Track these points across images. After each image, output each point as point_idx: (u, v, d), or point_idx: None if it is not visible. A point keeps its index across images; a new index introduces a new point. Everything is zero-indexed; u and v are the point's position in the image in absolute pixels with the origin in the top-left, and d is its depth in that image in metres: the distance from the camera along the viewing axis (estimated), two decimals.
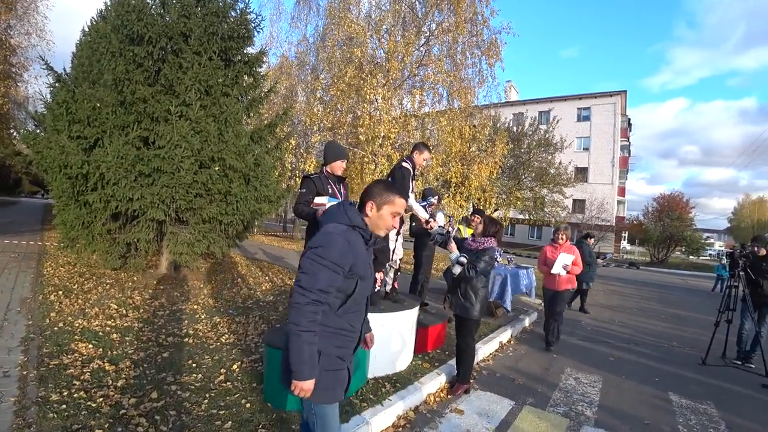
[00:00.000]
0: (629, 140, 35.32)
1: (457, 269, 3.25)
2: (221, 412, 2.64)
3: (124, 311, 4.60)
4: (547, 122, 21.21)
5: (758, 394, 4.02)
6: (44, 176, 6.75)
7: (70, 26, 23.49)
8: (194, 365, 3.35)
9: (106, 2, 7.71)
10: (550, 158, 20.14)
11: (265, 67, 9.90)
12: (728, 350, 4.98)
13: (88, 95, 5.46)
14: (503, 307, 6.19)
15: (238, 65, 6.38)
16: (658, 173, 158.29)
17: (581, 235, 8.19)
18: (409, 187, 3.72)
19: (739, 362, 4.85)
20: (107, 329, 3.97)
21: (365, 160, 10.26)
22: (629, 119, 35.24)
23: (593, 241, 8.30)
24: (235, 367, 3.35)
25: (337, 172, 3.29)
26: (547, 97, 34.45)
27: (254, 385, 3.06)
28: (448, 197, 12.61)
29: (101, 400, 2.63)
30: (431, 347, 4.26)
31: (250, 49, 6.63)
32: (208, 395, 2.84)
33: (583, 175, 30.63)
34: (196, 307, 5.16)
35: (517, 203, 19.41)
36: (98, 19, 8.60)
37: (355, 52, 10.09)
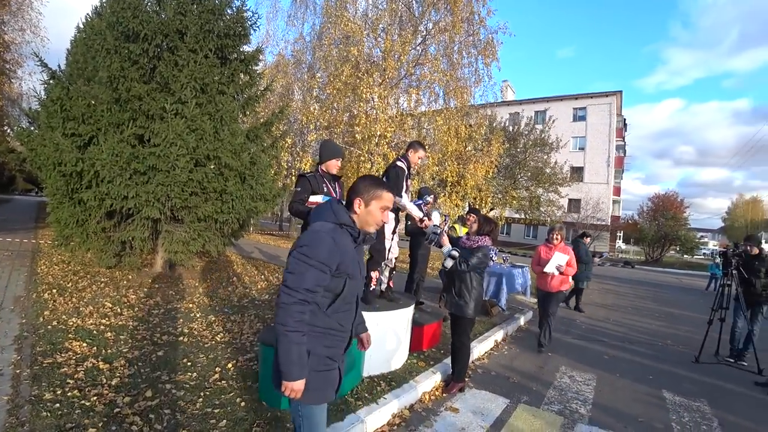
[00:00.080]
0: (624, 140, 35.55)
1: (449, 263, 3.25)
2: (216, 410, 2.63)
3: (118, 310, 4.58)
4: (543, 122, 21.25)
5: (750, 391, 4.06)
6: (38, 174, 6.70)
7: (64, 23, 23.35)
8: (189, 364, 3.34)
9: None
10: (545, 158, 20.24)
11: (261, 65, 9.84)
12: (721, 348, 5.03)
13: (82, 92, 5.40)
14: (499, 305, 6.22)
15: (234, 63, 6.34)
16: (653, 173, 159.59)
17: (578, 234, 8.21)
18: (403, 185, 3.73)
19: (731, 360, 4.91)
20: (101, 328, 3.95)
21: (361, 158, 10.29)
22: (625, 119, 35.48)
23: (589, 240, 8.32)
24: (230, 365, 3.35)
25: (332, 170, 3.29)
26: (543, 96, 34.62)
27: (249, 383, 3.06)
28: (444, 196, 12.64)
29: (95, 398, 2.62)
30: (426, 346, 4.26)
31: (246, 47, 6.60)
32: (202, 394, 2.84)
33: (578, 174, 30.88)
34: (191, 305, 5.14)
35: (512, 203, 19.46)
36: (93, 15, 8.55)
37: (351, 50, 10.09)
